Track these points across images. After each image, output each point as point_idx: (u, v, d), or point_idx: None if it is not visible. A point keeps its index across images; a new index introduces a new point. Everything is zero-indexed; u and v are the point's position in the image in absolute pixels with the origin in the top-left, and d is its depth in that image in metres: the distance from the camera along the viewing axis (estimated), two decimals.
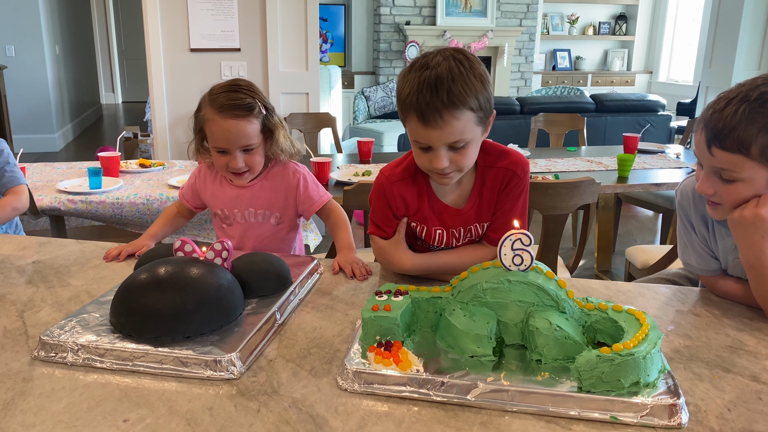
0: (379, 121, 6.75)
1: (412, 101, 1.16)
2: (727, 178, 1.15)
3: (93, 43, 9.96)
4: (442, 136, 1.18)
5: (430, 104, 1.14)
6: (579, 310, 1.03)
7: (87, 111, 8.75)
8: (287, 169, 1.64)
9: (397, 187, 1.36)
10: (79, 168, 2.84)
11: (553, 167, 3.12)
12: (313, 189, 1.65)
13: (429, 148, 1.21)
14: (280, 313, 1.15)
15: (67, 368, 0.98)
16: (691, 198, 1.33)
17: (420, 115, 1.16)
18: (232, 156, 1.52)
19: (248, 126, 1.50)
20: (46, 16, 6.57)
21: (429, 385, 0.91)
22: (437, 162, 1.21)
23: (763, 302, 1.21)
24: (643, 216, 4.73)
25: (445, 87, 1.14)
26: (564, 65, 8.58)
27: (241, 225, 1.66)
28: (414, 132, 1.21)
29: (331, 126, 3.80)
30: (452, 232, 1.39)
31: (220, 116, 1.48)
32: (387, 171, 1.39)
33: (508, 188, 1.35)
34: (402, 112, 1.22)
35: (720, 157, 1.13)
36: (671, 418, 0.85)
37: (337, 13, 7.58)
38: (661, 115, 5.22)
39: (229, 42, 3.79)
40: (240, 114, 1.48)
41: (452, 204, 1.38)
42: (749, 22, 5.35)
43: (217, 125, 1.49)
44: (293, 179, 1.63)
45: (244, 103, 1.49)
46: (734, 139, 1.10)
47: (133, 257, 1.49)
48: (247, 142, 1.51)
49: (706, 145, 1.14)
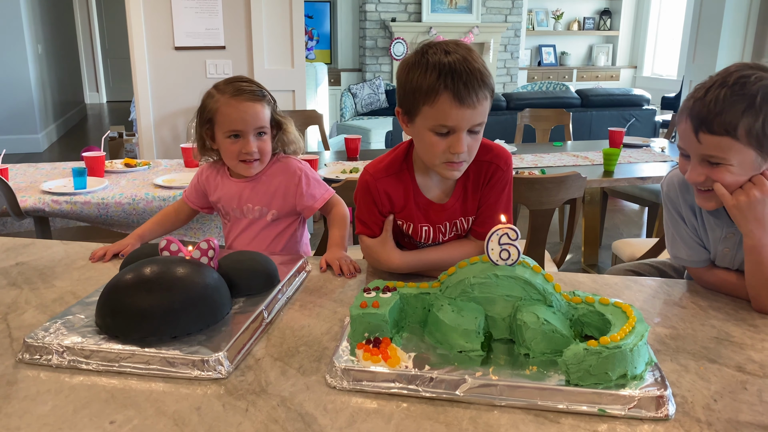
0: (366, 118, 6.74)
1: (446, 82, 1.16)
2: (716, 162, 1.16)
3: (76, 42, 9.86)
4: (474, 115, 1.19)
5: (468, 82, 1.16)
6: (566, 304, 1.03)
7: (71, 111, 8.66)
8: (289, 166, 1.64)
9: (382, 183, 1.36)
10: (64, 168, 2.81)
11: (540, 162, 3.13)
12: (315, 187, 1.64)
13: (448, 133, 1.21)
14: (268, 312, 1.15)
15: (53, 370, 0.97)
16: (678, 189, 1.34)
17: (456, 93, 1.16)
18: (246, 140, 1.54)
19: (261, 109, 1.55)
20: (27, 15, 6.49)
21: (418, 381, 0.91)
22: (459, 145, 1.21)
23: (754, 290, 1.22)
24: (629, 210, 4.77)
25: (476, 67, 1.18)
26: (549, 61, 8.61)
27: (240, 221, 1.66)
28: (443, 115, 1.19)
29: (318, 123, 3.79)
30: (438, 227, 1.40)
31: (235, 100, 1.52)
32: (371, 168, 1.39)
33: (491, 182, 1.36)
34: (424, 98, 1.19)
35: (708, 142, 1.15)
36: (658, 409, 0.86)
37: (322, 10, 7.56)
38: (646, 109, 5.26)
39: (213, 40, 3.77)
40: (253, 97, 1.54)
41: (436, 200, 1.38)
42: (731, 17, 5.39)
43: (233, 108, 1.52)
44: (294, 177, 1.62)
45: (255, 89, 1.56)
46: (721, 122, 1.12)
47: (119, 257, 1.47)
48: (261, 124, 1.55)
49: (693, 132, 1.16)
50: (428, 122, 1.22)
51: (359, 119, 6.72)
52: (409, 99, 1.23)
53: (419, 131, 1.25)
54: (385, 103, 7.10)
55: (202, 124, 1.58)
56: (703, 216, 1.32)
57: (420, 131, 1.25)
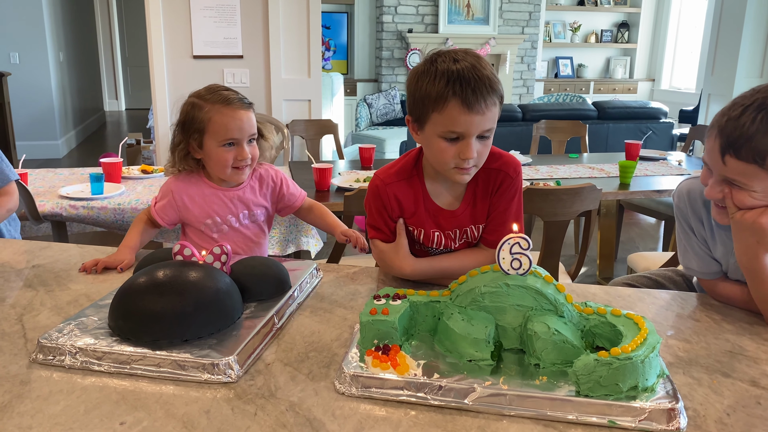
0: (381, 128, 6.76)
1: (454, 89, 1.18)
2: (737, 185, 1.13)
3: (97, 51, 10.01)
4: (483, 121, 1.21)
5: (476, 89, 1.18)
6: (577, 315, 1.03)
7: (90, 118, 8.79)
8: (269, 171, 1.71)
9: (392, 188, 1.37)
10: (81, 174, 2.85)
11: (555, 174, 3.12)
12: (294, 187, 1.74)
13: (457, 139, 1.23)
14: (279, 317, 1.15)
15: (65, 371, 0.98)
16: (688, 201, 1.33)
17: (464, 100, 1.18)
18: (241, 148, 1.55)
19: (252, 116, 1.59)
20: (50, 24, 6.61)
21: (426, 388, 0.91)
22: (469, 151, 1.22)
23: (761, 304, 1.21)
24: (645, 223, 4.73)
25: (484, 75, 1.20)
26: (566, 73, 8.59)
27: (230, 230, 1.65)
28: (452, 121, 1.21)
29: (333, 133, 3.81)
30: (448, 233, 1.40)
31: (230, 108, 1.53)
32: (381, 173, 1.40)
33: (501, 189, 1.36)
34: (433, 105, 1.21)
35: (733, 166, 1.11)
36: (669, 422, 0.85)
37: (339, 21, 7.61)
38: (663, 122, 5.22)
39: (231, 49, 3.81)
40: (244, 105, 1.56)
41: (446, 206, 1.38)
42: (751, 30, 5.35)
43: (228, 117, 1.53)
44: (276, 179, 1.70)
45: (241, 97, 1.58)
46: (750, 148, 1.08)
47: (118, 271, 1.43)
48: (254, 131, 1.58)
49: (720, 152, 1.12)
50: (438, 129, 1.23)
51: (374, 129, 6.74)
52: (419, 106, 1.24)
53: (429, 138, 1.26)
54: (400, 113, 7.12)
55: (190, 134, 1.55)
56: (713, 228, 1.31)
57: (430, 138, 1.26)
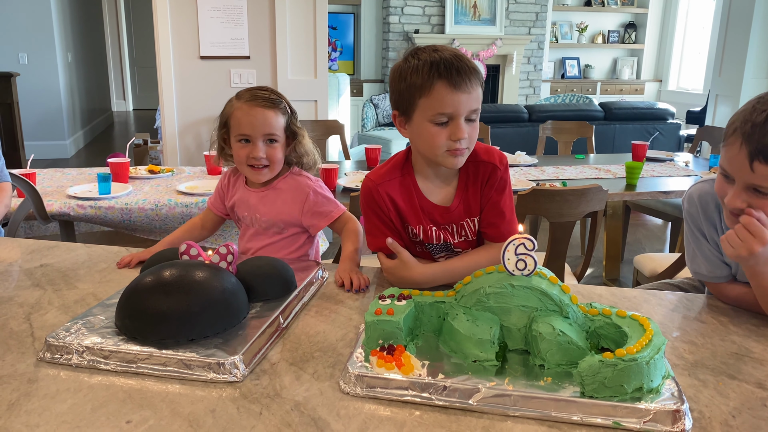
0: (387, 129, 6.76)
1: (439, 71, 1.23)
2: (765, 192, 1.12)
3: (105, 51, 10.06)
4: (470, 100, 1.25)
5: (460, 69, 1.24)
6: (583, 316, 1.03)
7: (98, 118, 8.83)
8: (299, 183, 1.63)
9: (384, 188, 1.37)
10: (89, 174, 2.86)
11: (561, 174, 3.11)
12: (323, 204, 1.62)
13: (447, 123, 1.26)
14: (284, 317, 1.16)
15: (72, 370, 0.99)
16: (700, 206, 1.33)
17: (450, 80, 1.23)
18: (255, 145, 1.55)
19: (274, 116, 1.56)
20: (58, 24, 6.64)
21: (431, 389, 0.91)
22: (460, 131, 1.25)
23: None
24: (652, 224, 4.71)
25: (465, 59, 1.26)
26: (573, 73, 8.57)
27: (248, 228, 1.68)
28: (440, 102, 1.24)
29: (340, 133, 3.82)
30: (444, 228, 1.40)
31: (247, 105, 1.55)
32: (372, 175, 1.41)
33: (490, 181, 1.38)
34: (419, 92, 1.25)
35: (762, 173, 1.10)
36: (674, 424, 0.84)
37: (346, 22, 7.62)
38: (671, 123, 5.21)
39: (238, 50, 3.82)
40: (266, 104, 1.56)
41: (440, 202, 1.39)
42: (759, 31, 5.33)
43: (243, 112, 1.55)
44: (301, 194, 1.62)
45: (271, 98, 1.57)
46: None
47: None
48: (270, 131, 1.55)
49: (748, 159, 1.10)
50: (427, 114, 1.26)
51: (380, 130, 6.74)
52: (405, 98, 1.28)
53: (419, 127, 1.28)
54: None
55: (220, 128, 1.62)
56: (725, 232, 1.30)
57: (419, 126, 1.28)
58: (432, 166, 1.36)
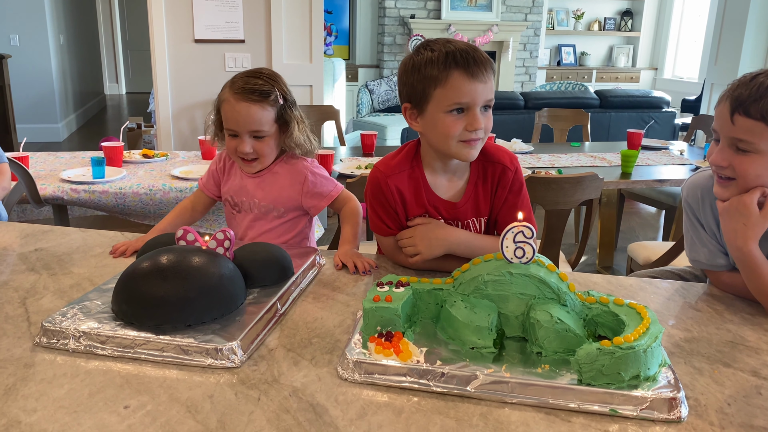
0: (383, 115, 6.74)
1: (456, 60, 1.23)
2: (744, 149, 1.17)
3: (97, 34, 9.95)
4: (485, 90, 1.26)
5: (476, 59, 1.24)
6: (580, 304, 1.03)
7: (91, 101, 8.75)
8: (294, 166, 1.62)
9: (393, 180, 1.36)
10: (83, 158, 2.85)
11: (557, 162, 3.11)
12: (322, 184, 1.61)
13: (463, 110, 1.26)
14: (282, 303, 1.15)
15: (69, 355, 0.99)
16: (699, 194, 1.33)
17: (467, 69, 1.23)
18: (241, 140, 1.54)
19: (260, 112, 1.51)
20: (50, 6, 6.56)
21: (429, 375, 0.92)
22: (477, 121, 1.26)
23: (759, 295, 1.22)
24: (645, 213, 4.73)
25: (479, 50, 1.27)
26: (569, 61, 8.55)
27: (247, 214, 1.67)
28: (456, 92, 1.24)
29: (335, 119, 3.80)
30: (449, 223, 1.40)
31: (234, 98, 1.51)
32: (381, 165, 1.39)
33: (502, 182, 1.38)
34: (435, 82, 1.25)
35: (741, 125, 1.16)
36: (671, 411, 0.85)
37: (342, 6, 7.56)
38: (666, 111, 5.21)
39: (233, 33, 3.79)
40: (254, 98, 1.51)
41: (448, 198, 1.39)
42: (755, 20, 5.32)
43: (230, 106, 1.52)
44: (299, 176, 1.61)
45: (261, 89, 1.51)
46: (759, 107, 1.13)
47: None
48: (256, 128, 1.52)
49: (730, 113, 1.17)
50: (443, 104, 1.25)
51: (375, 115, 6.71)
52: (418, 90, 1.27)
53: (432, 118, 1.27)
54: None
55: (216, 113, 1.60)
56: None
57: (433, 118, 1.27)
58: (442, 159, 1.35)
